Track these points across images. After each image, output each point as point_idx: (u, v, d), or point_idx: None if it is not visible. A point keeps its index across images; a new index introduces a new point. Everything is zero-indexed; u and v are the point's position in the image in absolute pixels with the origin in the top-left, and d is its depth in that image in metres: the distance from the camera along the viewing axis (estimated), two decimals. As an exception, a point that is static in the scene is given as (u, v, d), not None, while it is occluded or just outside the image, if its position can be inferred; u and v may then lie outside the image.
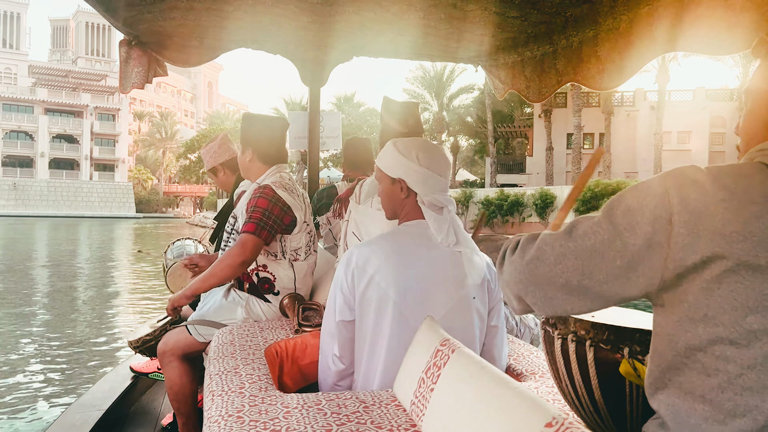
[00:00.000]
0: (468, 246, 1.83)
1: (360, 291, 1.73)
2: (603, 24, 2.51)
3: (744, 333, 0.87)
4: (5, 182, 63.76)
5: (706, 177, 0.92)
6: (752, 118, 1.05)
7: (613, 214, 0.96)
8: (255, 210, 2.48)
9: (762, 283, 0.86)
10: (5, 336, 8.52)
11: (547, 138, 38.82)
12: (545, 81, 3.09)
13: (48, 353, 7.66)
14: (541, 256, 1.01)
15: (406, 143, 1.85)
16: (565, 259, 0.98)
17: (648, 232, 0.92)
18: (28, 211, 63.10)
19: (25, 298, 11.98)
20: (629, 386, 1.22)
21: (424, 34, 3.23)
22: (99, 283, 14.76)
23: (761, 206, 0.88)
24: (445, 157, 1.85)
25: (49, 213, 63.29)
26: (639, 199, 0.95)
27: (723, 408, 0.88)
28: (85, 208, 66.87)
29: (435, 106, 48.22)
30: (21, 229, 36.53)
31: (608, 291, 0.97)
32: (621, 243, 0.94)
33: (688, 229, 0.89)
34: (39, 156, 66.59)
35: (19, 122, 66.21)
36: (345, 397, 1.56)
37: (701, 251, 0.89)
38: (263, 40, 3.55)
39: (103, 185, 69.06)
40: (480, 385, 1.17)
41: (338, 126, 4.52)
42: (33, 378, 6.57)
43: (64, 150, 68.82)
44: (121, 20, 3.01)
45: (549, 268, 1.00)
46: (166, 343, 2.63)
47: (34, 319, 9.96)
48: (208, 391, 1.70)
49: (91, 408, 3.30)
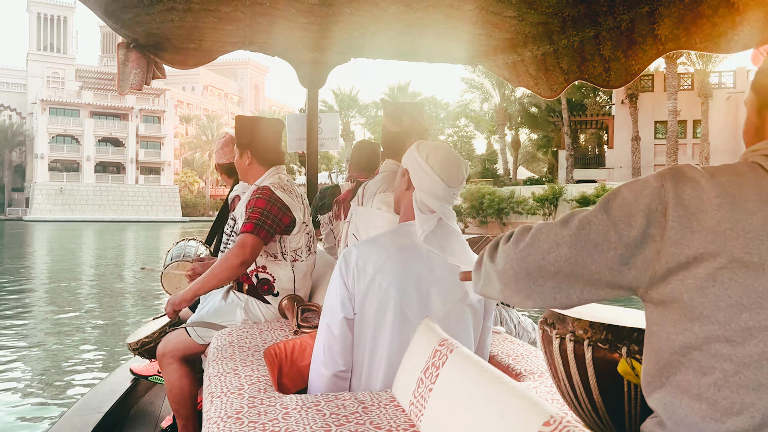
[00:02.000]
0: (465, 259, 1.78)
1: (361, 290, 1.73)
2: (603, 24, 2.52)
3: (739, 330, 0.87)
4: (52, 187, 62.37)
5: (701, 175, 0.93)
6: (747, 122, 1.08)
7: (609, 206, 0.97)
8: (254, 210, 2.49)
9: (755, 280, 0.87)
10: (6, 336, 8.52)
11: (633, 127, 34.07)
12: (552, 79, 3.10)
13: (48, 355, 7.66)
14: (534, 244, 1.01)
15: (428, 143, 1.86)
16: (559, 248, 0.98)
17: (643, 224, 0.93)
18: (74, 215, 61.74)
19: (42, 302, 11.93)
20: (627, 385, 1.22)
21: (422, 35, 3.24)
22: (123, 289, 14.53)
23: (755, 204, 0.89)
24: (457, 170, 1.82)
25: (95, 218, 62.09)
26: (635, 192, 0.95)
27: (719, 406, 0.88)
28: (130, 212, 65.12)
29: (497, 96, 42.82)
30: (67, 236, 35.68)
31: (599, 282, 0.98)
32: (616, 234, 0.95)
33: (682, 224, 0.90)
34: (85, 160, 65.08)
35: (65, 126, 64.56)
36: (344, 398, 1.56)
37: (694, 247, 0.89)
38: (261, 42, 3.56)
39: (148, 189, 67.04)
40: (478, 385, 1.17)
41: (336, 127, 4.52)
42: (33, 380, 6.57)
43: (110, 153, 67.22)
44: (120, 23, 3.02)
45: (542, 255, 1.00)
46: (166, 345, 2.63)
47: (38, 320, 9.95)
48: (208, 393, 1.70)
49: (90, 410, 3.30)
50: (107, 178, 66.52)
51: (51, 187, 62.54)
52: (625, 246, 0.94)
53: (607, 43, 2.56)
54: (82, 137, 65.26)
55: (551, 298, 1.01)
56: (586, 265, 0.97)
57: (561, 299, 1.01)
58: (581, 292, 0.99)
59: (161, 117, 69.53)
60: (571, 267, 0.98)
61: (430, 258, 1.76)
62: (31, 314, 10.64)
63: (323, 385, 1.79)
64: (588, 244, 0.96)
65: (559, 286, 1.00)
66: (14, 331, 9.09)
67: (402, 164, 1.89)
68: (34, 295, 13.15)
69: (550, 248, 0.99)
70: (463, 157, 1.91)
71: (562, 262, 0.98)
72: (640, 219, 0.93)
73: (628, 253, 0.94)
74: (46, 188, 62.09)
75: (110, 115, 67.58)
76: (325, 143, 4.44)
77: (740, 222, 0.88)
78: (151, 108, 68.84)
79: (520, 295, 1.04)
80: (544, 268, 0.99)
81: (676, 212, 0.91)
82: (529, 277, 1.01)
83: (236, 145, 2.77)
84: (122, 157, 67.46)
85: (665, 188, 0.93)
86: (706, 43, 2.03)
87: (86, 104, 65.54)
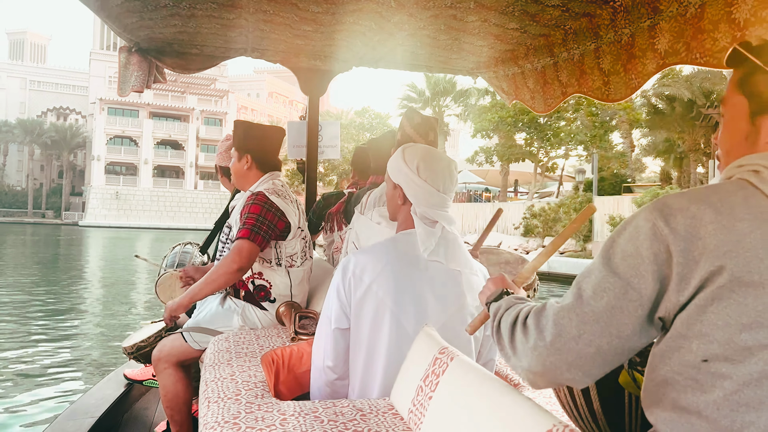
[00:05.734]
0: (467, 266, 1.80)
1: (356, 299, 1.72)
2: (604, 37, 2.52)
3: (739, 349, 0.86)
4: (108, 191, 58.95)
5: (688, 202, 0.92)
6: (731, 129, 1.04)
7: (613, 265, 0.95)
8: (249, 216, 2.48)
9: (755, 299, 0.85)
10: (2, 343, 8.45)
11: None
12: (549, 92, 3.09)
13: (43, 359, 7.60)
14: (562, 332, 0.97)
15: (413, 151, 1.83)
16: (587, 326, 0.95)
17: (654, 270, 0.91)
18: (129, 221, 58.31)
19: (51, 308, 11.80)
20: (629, 397, 1.22)
21: (423, 45, 3.25)
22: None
23: (749, 222, 0.88)
24: (449, 174, 1.82)
25: (152, 224, 58.11)
26: (632, 242, 0.94)
27: (720, 425, 0.87)
28: (188, 219, 60.16)
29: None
30: (122, 246, 32.62)
31: (639, 341, 0.95)
32: (634, 292, 0.93)
33: (686, 257, 0.89)
34: (143, 163, 61.10)
35: (123, 126, 60.81)
36: (342, 405, 1.55)
37: (699, 275, 0.88)
38: (263, 49, 3.57)
39: (208, 195, 62.32)
40: (479, 393, 1.16)
41: (336, 135, 4.53)
42: (26, 383, 6.52)
43: (168, 157, 63.09)
44: (122, 26, 3.03)
45: (575, 341, 0.95)
46: (161, 350, 2.61)
47: (39, 325, 9.88)
48: (204, 398, 1.69)
49: (83, 415, 3.27)
50: (165, 183, 62.50)
51: (107, 191, 59.40)
52: (649, 298, 0.93)
53: (607, 57, 2.57)
54: (140, 139, 61.47)
55: (601, 374, 0.98)
56: (621, 332, 0.94)
57: (612, 364, 0.98)
58: (627, 355, 0.97)
59: (223, 120, 64.44)
60: (608, 339, 0.95)
61: (429, 267, 1.76)
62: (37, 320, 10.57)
63: (323, 391, 1.80)
64: (614, 311, 0.94)
65: (603, 361, 0.97)
66: (12, 336, 9.02)
67: (390, 177, 1.86)
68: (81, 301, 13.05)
69: (580, 331, 0.95)
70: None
71: (599, 339, 0.95)
72: (650, 266, 0.92)
73: (655, 303, 0.93)
74: (101, 192, 59.05)
75: (170, 116, 63.75)
76: (325, 151, 4.44)
77: (739, 243, 0.87)
78: (213, 110, 64.34)
79: (573, 383, 1.00)
80: (582, 352, 0.96)
81: (677, 246, 0.90)
82: (572, 367, 0.97)
83: (235, 148, 2.75)
84: (181, 160, 63.40)
85: (657, 226, 0.92)
86: (706, 58, 2.04)
87: (146, 104, 61.46)
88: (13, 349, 8.07)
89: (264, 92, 79.06)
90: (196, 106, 63.30)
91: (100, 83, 62.96)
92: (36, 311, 11.25)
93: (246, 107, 69.58)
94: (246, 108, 69.60)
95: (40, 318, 10.57)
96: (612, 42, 2.51)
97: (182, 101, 63.03)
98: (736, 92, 1.02)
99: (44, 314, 10.96)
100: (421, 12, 2.64)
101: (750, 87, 0.99)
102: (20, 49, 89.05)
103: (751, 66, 0.98)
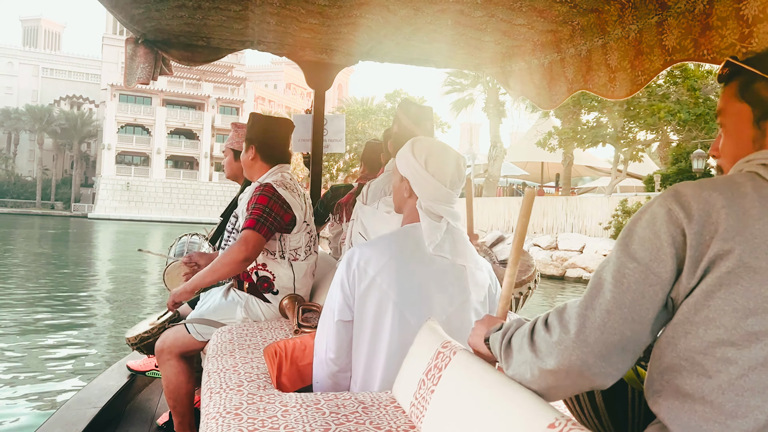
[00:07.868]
0: (471, 261, 1.80)
1: (360, 291, 1.72)
2: (612, 33, 2.51)
3: (745, 335, 0.88)
4: (118, 182, 55.35)
5: (700, 189, 0.94)
6: (736, 136, 1.07)
7: (631, 251, 0.96)
8: (255, 207, 2.49)
9: (762, 284, 0.88)
10: (5, 335, 8.50)
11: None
12: (555, 88, 3.08)
13: (45, 350, 7.64)
14: (586, 323, 0.96)
15: (422, 144, 1.82)
16: (611, 314, 0.95)
17: (672, 253, 0.93)
18: (140, 214, 54.74)
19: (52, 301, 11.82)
20: (632, 392, 1.22)
21: (430, 40, 3.24)
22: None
23: (759, 210, 0.90)
24: (457, 169, 1.81)
25: (164, 217, 54.43)
26: (650, 227, 0.95)
27: (724, 409, 0.89)
28: (202, 212, 55.48)
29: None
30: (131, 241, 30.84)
31: (657, 327, 0.97)
32: (654, 276, 0.94)
33: (698, 240, 0.91)
34: (155, 153, 57.36)
35: (135, 114, 57.05)
36: (344, 398, 1.56)
37: (708, 257, 0.91)
38: (270, 42, 3.57)
39: (223, 187, 57.72)
40: (482, 387, 1.16)
41: (342, 129, 4.52)
42: (28, 374, 6.55)
43: (182, 146, 59.00)
44: (129, 18, 3.03)
45: (600, 330, 0.95)
46: (164, 341, 2.62)
47: (41, 319, 9.93)
48: (207, 389, 1.69)
49: (86, 405, 3.29)
50: (178, 174, 58.65)
51: (117, 181, 55.67)
52: (668, 281, 0.94)
53: (614, 53, 2.56)
54: (153, 127, 57.63)
55: (626, 368, 0.98)
56: (643, 318, 0.95)
57: (634, 356, 0.97)
58: (646, 341, 0.97)
59: (240, 108, 60.12)
60: (630, 325, 0.95)
61: (433, 261, 1.75)
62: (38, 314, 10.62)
63: (325, 383, 1.80)
64: (636, 296, 0.94)
65: (628, 347, 0.96)
66: (15, 329, 9.07)
67: (398, 169, 1.86)
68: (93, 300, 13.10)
69: (604, 319, 0.95)
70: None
71: (622, 326, 0.94)
72: (668, 249, 0.93)
73: (671, 287, 0.95)
74: (111, 183, 55.49)
75: (184, 104, 59.62)
76: (330, 145, 4.44)
77: (747, 228, 0.89)
78: (229, 98, 60.33)
79: (598, 378, 0.97)
80: (607, 342, 0.95)
81: (692, 229, 0.92)
82: (599, 358, 0.95)
83: (244, 140, 2.78)
84: (195, 151, 59.41)
85: (673, 210, 0.94)
86: (714, 55, 2.03)
87: (159, 91, 57.44)
88: (18, 341, 8.11)
89: (282, 83, 77.22)
90: (211, 94, 59.77)
91: (112, 69, 60.31)
92: (42, 305, 11.30)
93: (263, 98, 67.51)
94: (263, 99, 67.55)
95: (46, 311, 10.62)
96: (619, 38, 2.50)
97: (197, 88, 59.70)
98: (735, 101, 1.05)
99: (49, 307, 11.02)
100: (428, 6, 2.64)
101: (752, 95, 1.02)
102: (34, 36, 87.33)
103: (749, 75, 1.02)
